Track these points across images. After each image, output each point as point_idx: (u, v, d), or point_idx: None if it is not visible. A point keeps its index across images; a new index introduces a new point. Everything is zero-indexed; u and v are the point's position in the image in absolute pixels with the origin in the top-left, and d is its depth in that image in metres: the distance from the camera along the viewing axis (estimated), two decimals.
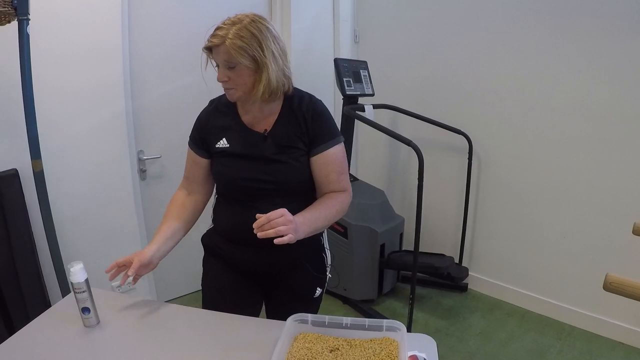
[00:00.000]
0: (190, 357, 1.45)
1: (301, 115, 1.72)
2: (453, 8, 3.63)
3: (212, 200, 1.93)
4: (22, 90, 2.33)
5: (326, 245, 1.96)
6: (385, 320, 1.47)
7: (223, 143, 1.72)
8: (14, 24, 2.26)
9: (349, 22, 4.35)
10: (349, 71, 3.55)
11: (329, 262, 1.95)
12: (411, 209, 3.16)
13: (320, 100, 1.82)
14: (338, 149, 1.74)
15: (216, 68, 1.64)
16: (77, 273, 1.53)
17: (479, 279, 3.82)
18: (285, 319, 1.52)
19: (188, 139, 1.84)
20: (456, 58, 3.66)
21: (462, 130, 3.57)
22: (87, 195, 2.95)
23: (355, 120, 3.52)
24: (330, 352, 1.40)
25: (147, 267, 1.68)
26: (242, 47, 1.53)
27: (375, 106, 3.56)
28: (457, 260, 3.75)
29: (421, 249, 3.01)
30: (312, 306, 1.96)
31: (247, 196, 1.71)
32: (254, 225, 1.44)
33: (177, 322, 1.65)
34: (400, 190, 4.32)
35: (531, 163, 3.34)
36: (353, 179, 3.87)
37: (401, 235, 3.76)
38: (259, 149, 1.69)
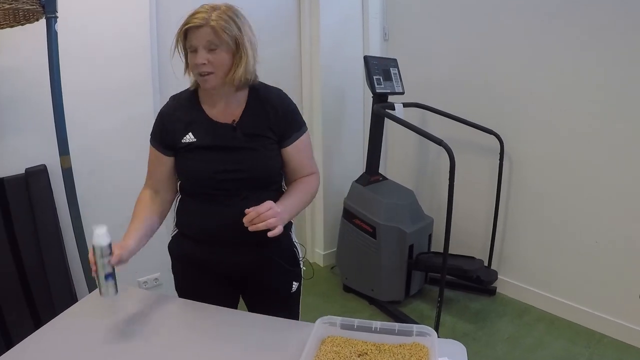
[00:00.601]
0: (215, 356, 1.44)
1: (270, 106, 1.73)
2: (485, 5, 3.56)
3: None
4: (51, 87, 2.34)
5: (295, 239, 1.94)
6: (415, 326, 1.42)
7: (189, 137, 1.69)
8: (42, 21, 2.27)
9: (379, 19, 4.32)
10: (378, 69, 3.51)
11: (301, 255, 1.94)
12: (440, 209, 3.11)
13: (285, 92, 1.85)
14: (306, 136, 1.82)
15: (183, 59, 1.68)
16: (101, 236, 1.46)
17: (508, 282, 3.74)
18: None
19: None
20: (488, 56, 3.59)
21: (494, 130, 3.49)
22: (114, 192, 2.94)
23: (385, 118, 3.48)
24: (359, 356, 1.36)
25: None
26: (226, 28, 1.56)
27: (405, 105, 3.51)
28: (486, 263, 3.67)
29: (450, 250, 2.95)
30: (291, 302, 1.96)
31: (216, 190, 1.68)
32: (245, 220, 1.48)
33: (202, 321, 1.64)
34: (430, 190, 4.26)
35: (564, 165, 3.26)
36: (382, 178, 3.83)
37: (430, 236, 3.71)
38: (228, 140, 1.68)
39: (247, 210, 1.49)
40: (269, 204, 1.51)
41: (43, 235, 2.77)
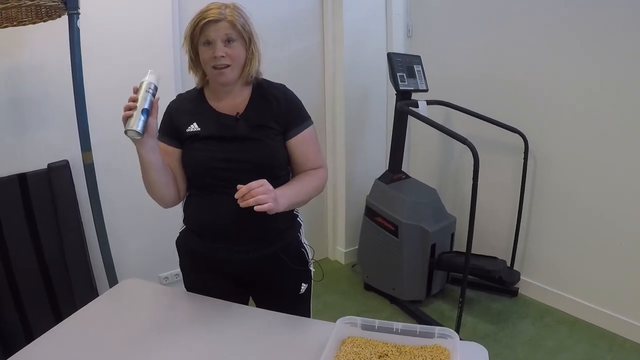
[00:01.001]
0: (235, 354, 1.44)
1: (274, 98, 1.77)
2: (510, 1, 3.51)
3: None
4: (73, 83, 2.37)
5: (304, 241, 1.94)
6: (437, 328, 1.40)
7: (194, 127, 1.72)
8: (65, 18, 2.29)
9: (402, 15, 4.29)
10: (402, 66, 3.49)
11: (310, 256, 1.94)
12: (463, 208, 3.08)
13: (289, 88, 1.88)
14: (312, 130, 1.83)
15: (191, 55, 1.73)
16: (155, 76, 1.52)
17: (530, 283, 3.69)
18: None
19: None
20: (514, 53, 3.54)
21: (518, 128, 3.44)
22: (135, 188, 2.95)
23: (408, 116, 3.45)
24: (379, 358, 1.35)
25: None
26: (242, 23, 1.64)
27: (429, 102, 3.49)
28: (508, 264, 3.63)
29: (472, 250, 2.92)
30: (300, 303, 1.95)
31: (221, 181, 1.67)
32: (236, 195, 1.48)
33: (221, 318, 1.65)
34: (453, 188, 4.23)
35: (590, 165, 3.20)
36: (405, 176, 3.80)
37: (452, 235, 3.67)
38: (232, 130, 1.71)
39: (239, 186, 1.48)
40: (262, 181, 1.51)
41: (65, 230, 2.79)
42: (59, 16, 2.31)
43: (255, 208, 1.45)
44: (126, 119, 1.45)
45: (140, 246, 3.27)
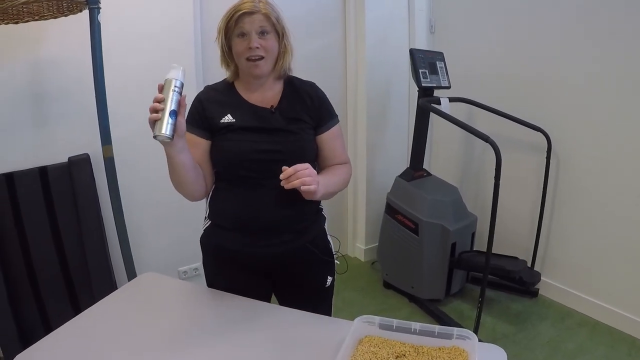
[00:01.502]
0: (251, 350, 1.44)
1: (305, 93, 1.79)
2: None
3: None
4: (94, 77, 2.40)
5: (328, 233, 1.95)
6: (455, 329, 1.39)
7: (228, 118, 1.70)
8: (86, 12, 2.30)
9: (425, 11, 4.25)
10: (424, 62, 3.46)
11: (334, 250, 1.97)
12: (485, 207, 3.05)
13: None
14: (339, 127, 1.87)
15: (224, 48, 1.73)
16: (179, 72, 1.45)
17: (551, 284, 3.64)
18: None
19: None
20: (538, 50, 3.49)
21: (541, 127, 3.40)
22: (155, 182, 2.96)
23: (430, 113, 3.42)
24: (396, 358, 1.34)
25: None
26: (276, 16, 1.67)
27: (451, 99, 3.46)
28: (529, 264, 3.59)
29: (493, 250, 2.89)
30: (324, 297, 1.96)
31: (254, 173, 1.67)
32: (281, 176, 1.48)
33: (239, 314, 1.65)
34: (475, 187, 4.19)
35: (614, 165, 3.14)
36: (427, 173, 3.78)
37: (473, 234, 3.64)
38: (268, 122, 1.71)
39: (284, 168, 1.49)
40: (306, 164, 1.52)
41: (85, 223, 2.81)
42: (80, 11, 2.33)
43: (302, 188, 1.48)
44: (153, 123, 1.41)
45: (159, 240, 3.28)
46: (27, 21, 2.29)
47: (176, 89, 1.42)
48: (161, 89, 1.43)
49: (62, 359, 1.43)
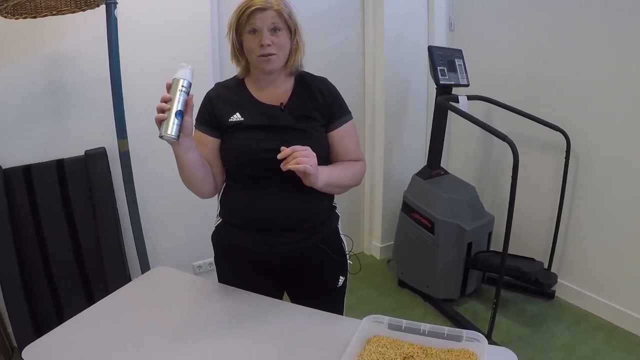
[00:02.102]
0: (258, 346, 1.45)
1: (317, 90, 1.77)
2: None
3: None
4: (110, 72, 2.42)
5: (341, 232, 1.93)
6: (465, 331, 1.37)
7: (237, 117, 1.69)
8: (103, 7, 2.33)
9: (444, 8, 4.22)
10: (443, 60, 3.44)
11: (347, 249, 1.94)
12: (502, 207, 3.02)
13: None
14: (352, 124, 1.84)
15: (235, 44, 1.70)
16: (187, 72, 1.45)
17: (568, 287, 3.60)
18: None
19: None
20: (558, 49, 3.44)
21: (560, 126, 3.35)
22: (171, 176, 2.98)
23: (448, 111, 3.40)
24: (404, 359, 1.32)
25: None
26: (288, 13, 1.64)
27: (469, 97, 3.42)
28: (546, 266, 3.56)
29: (509, 250, 2.87)
30: (336, 296, 1.95)
31: (262, 171, 1.65)
32: (279, 156, 1.49)
33: (247, 310, 1.66)
34: (492, 186, 4.16)
35: (635, 167, 3.08)
36: (444, 172, 3.75)
37: (490, 234, 3.61)
38: (277, 120, 1.70)
39: (282, 148, 1.50)
40: (307, 147, 1.53)
41: (100, 216, 2.83)
42: (97, 5, 2.35)
43: (295, 167, 1.46)
44: (160, 123, 1.41)
45: (174, 234, 3.30)
46: (45, 16, 2.31)
47: (183, 88, 1.41)
48: (169, 87, 1.42)
49: (72, 350, 1.45)
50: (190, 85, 1.43)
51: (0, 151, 2.73)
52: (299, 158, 1.46)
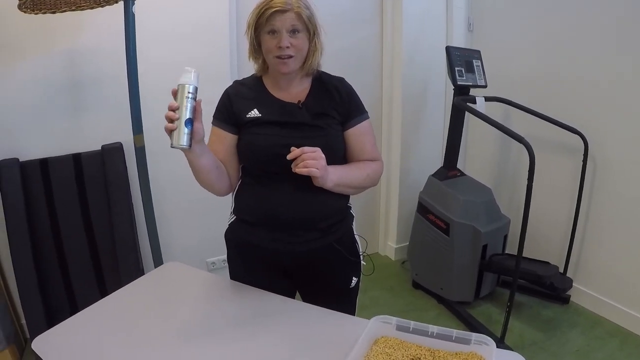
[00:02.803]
0: (265, 344, 1.45)
1: (334, 88, 1.78)
2: None
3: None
4: (127, 67, 2.44)
5: (356, 232, 1.93)
6: (474, 334, 1.35)
7: (254, 113, 1.70)
8: (121, 3, 2.36)
9: (463, 9, 4.20)
10: (461, 60, 3.42)
11: (361, 249, 1.93)
12: (519, 210, 2.99)
13: None
14: (368, 123, 1.84)
15: (253, 43, 1.71)
16: (192, 76, 1.40)
17: (583, 291, 3.55)
18: None
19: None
20: (576, 51, 3.40)
21: (579, 129, 3.31)
22: (186, 173, 2.99)
23: (466, 112, 3.38)
24: None
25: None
26: (308, 15, 1.64)
27: (487, 98, 3.40)
28: (561, 270, 3.52)
29: (524, 253, 2.84)
30: (348, 297, 1.94)
31: (279, 168, 1.63)
32: (289, 156, 1.51)
33: (257, 307, 1.66)
34: (509, 189, 4.12)
35: None
36: (460, 173, 3.73)
37: (505, 237, 3.57)
38: (294, 116, 1.71)
39: (292, 148, 1.52)
40: (316, 148, 1.54)
41: (115, 210, 2.86)
42: (116, 2, 2.37)
43: (302, 171, 1.49)
44: (170, 132, 1.40)
45: (188, 230, 3.31)
46: (64, 11, 2.33)
47: (190, 94, 1.39)
48: (175, 94, 1.41)
49: (81, 342, 1.47)
50: (196, 89, 1.41)
51: (18, 144, 2.76)
52: (307, 161, 1.48)
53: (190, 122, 1.40)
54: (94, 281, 2.90)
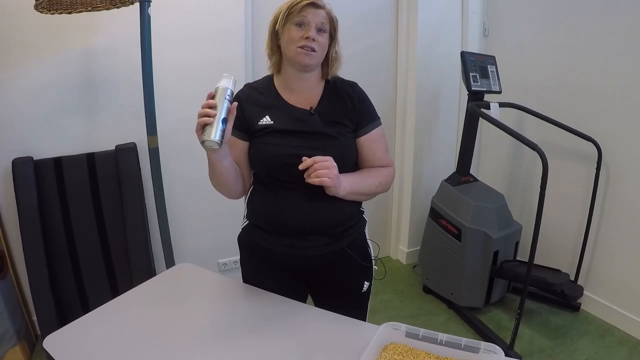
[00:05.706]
0: (274, 347, 1.45)
1: (346, 95, 1.77)
2: (590, 4, 3.36)
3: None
4: (142, 69, 2.45)
5: (368, 237, 1.93)
6: (482, 343, 1.35)
7: (266, 120, 1.69)
8: (136, 5, 2.37)
9: (479, 14, 4.19)
10: (475, 66, 3.41)
11: (373, 254, 1.93)
12: (531, 216, 2.98)
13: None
14: (381, 129, 1.82)
15: (279, 34, 1.70)
16: (230, 81, 1.47)
17: (594, 300, 3.54)
18: None
19: None
20: (592, 58, 3.39)
21: (592, 137, 3.30)
22: (199, 174, 3.01)
23: (480, 118, 3.37)
24: None
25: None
26: (335, 19, 1.69)
27: (501, 104, 3.39)
28: (572, 278, 3.51)
29: (535, 260, 2.83)
30: (360, 302, 1.93)
31: (290, 177, 1.63)
32: (300, 166, 1.51)
33: (267, 311, 1.67)
34: (522, 195, 4.11)
35: None
36: (473, 179, 3.72)
37: (517, 243, 3.56)
38: (306, 124, 1.69)
39: (304, 158, 1.52)
40: (328, 157, 1.54)
41: (128, 210, 2.87)
42: (132, 3, 2.39)
43: (314, 181, 1.50)
44: (202, 127, 1.42)
45: (200, 231, 3.33)
46: (80, 12, 2.35)
47: (227, 97, 1.44)
48: (212, 96, 1.43)
49: (92, 341, 1.48)
50: (232, 94, 1.47)
51: (32, 143, 2.79)
52: (319, 171, 1.48)
53: (225, 121, 1.43)
54: (106, 280, 2.91)
